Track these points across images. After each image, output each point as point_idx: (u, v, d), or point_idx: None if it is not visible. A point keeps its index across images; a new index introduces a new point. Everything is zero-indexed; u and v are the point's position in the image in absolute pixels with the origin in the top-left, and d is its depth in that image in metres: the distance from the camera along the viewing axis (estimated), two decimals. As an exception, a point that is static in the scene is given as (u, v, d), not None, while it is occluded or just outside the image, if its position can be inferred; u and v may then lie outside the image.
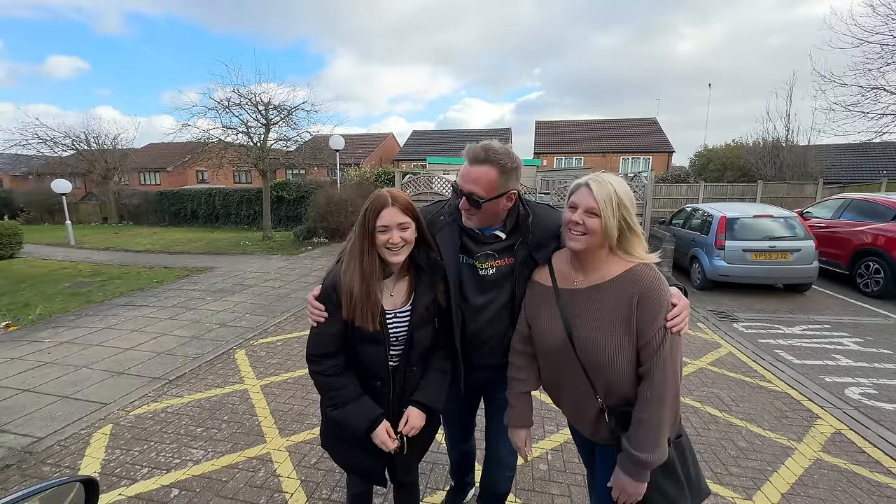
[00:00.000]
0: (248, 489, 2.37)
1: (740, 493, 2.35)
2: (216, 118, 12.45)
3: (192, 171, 27.87)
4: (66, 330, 5.05)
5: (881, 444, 2.80)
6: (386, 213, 1.32)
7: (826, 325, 5.21)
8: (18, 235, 10.47)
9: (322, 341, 1.40)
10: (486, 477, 1.86)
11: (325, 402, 1.44)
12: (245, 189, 18.49)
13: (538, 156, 25.57)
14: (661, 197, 13.99)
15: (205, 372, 3.91)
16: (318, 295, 1.41)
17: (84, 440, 2.86)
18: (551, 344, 1.32)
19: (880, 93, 10.19)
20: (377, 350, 1.41)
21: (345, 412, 1.39)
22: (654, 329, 1.18)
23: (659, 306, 1.19)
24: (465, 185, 1.41)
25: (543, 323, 1.35)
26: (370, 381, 1.45)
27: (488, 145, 1.39)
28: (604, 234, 1.21)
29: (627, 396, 1.26)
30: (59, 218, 18.77)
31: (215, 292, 6.78)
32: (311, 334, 1.43)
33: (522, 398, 1.49)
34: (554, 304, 1.32)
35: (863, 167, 20.57)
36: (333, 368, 1.40)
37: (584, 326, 1.26)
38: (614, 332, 1.22)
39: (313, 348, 1.41)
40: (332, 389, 1.40)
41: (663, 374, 1.16)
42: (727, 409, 3.26)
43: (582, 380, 1.29)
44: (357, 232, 1.38)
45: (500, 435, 1.70)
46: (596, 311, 1.25)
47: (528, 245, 1.46)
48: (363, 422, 1.39)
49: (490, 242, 1.51)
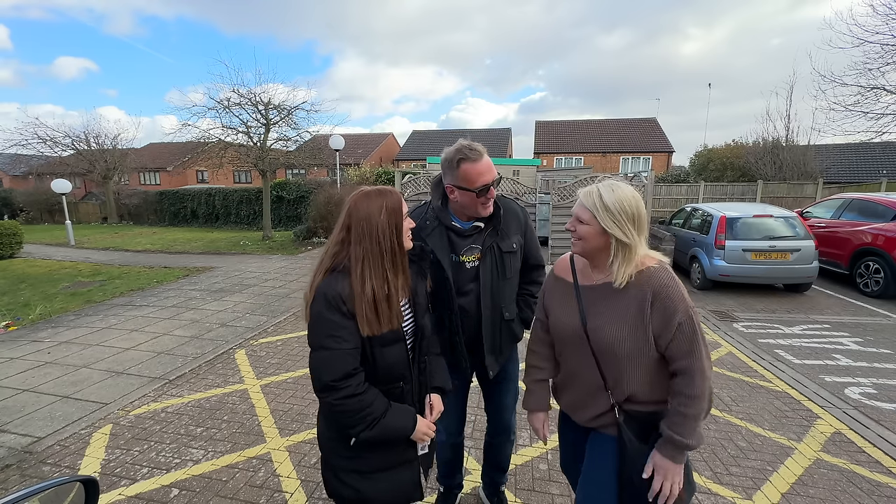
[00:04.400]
0: (248, 489, 2.37)
1: (740, 492, 2.35)
2: (216, 118, 12.47)
3: (192, 171, 27.88)
4: (66, 330, 5.05)
5: (881, 444, 2.80)
6: (403, 203, 1.34)
7: (826, 325, 5.21)
8: (18, 235, 10.47)
9: (345, 361, 1.22)
10: (492, 446, 2.08)
11: (359, 425, 1.23)
12: (245, 189, 18.50)
13: (538, 156, 25.56)
14: (661, 197, 13.97)
15: (205, 372, 3.91)
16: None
17: (84, 440, 2.86)
18: (567, 333, 1.40)
19: (880, 92, 10.18)
20: (400, 348, 1.34)
21: (385, 423, 1.26)
22: (675, 325, 1.23)
23: (675, 304, 1.24)
24: (485, 176, 1.57)
25: (560, 312, 1.44)
26: (392, 386, 1.36)
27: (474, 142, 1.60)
28: (595, 239, 1.30)
29: (635, 393, 1.31)
30: (59, 218, 18.80)
31: (215, 292, 6.78)
32: (323, 358, 1.23)
33: (541, 384, 1.60)
34: (573, 297, 1.41)
35: (863, 167, 20.56)
36: (360, 385, 1.24)
37: (598, 317, 1.33)
38: (625, 324, 1.28)
39: (334, 373, 1.21)
40: (366, 406, 1.24)
41: (701, 370, 1.23)
42: (727, 408, 3.26)
43: (593, 371, 1.35)
44: (383, 232, 1.27)
45: (500, 404, 1.96)
46: (609, 305, 1.32)
47: (498, 234, 1.68)
48: (408, 421, 1.31)
49: (471, 235, 1.69)
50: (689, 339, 1.23)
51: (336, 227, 1.33)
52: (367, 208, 1.28)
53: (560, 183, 9.53)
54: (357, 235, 1.27)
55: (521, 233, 1.76)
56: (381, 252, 1.27)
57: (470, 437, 2.84)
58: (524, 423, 3.00)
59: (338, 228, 1.31)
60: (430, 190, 1.78)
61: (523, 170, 12.81)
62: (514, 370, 1.98)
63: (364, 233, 1.26)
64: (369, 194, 1.31)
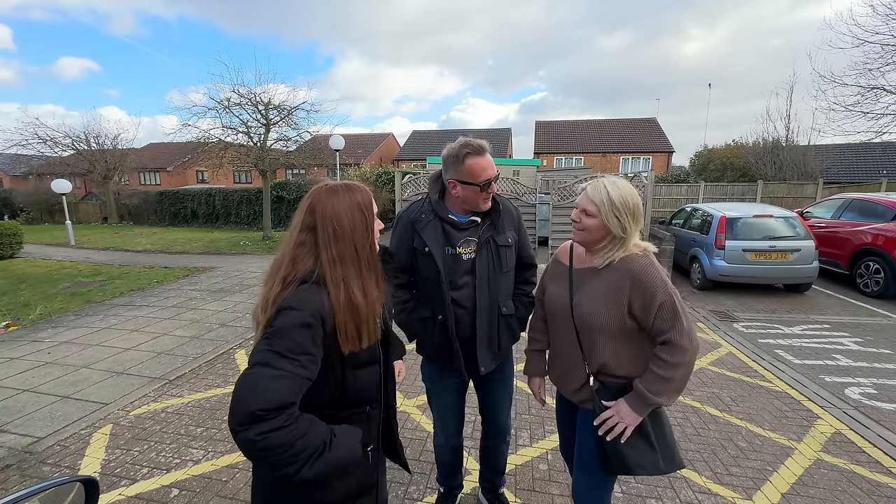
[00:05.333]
0: (248, 489, 2.36)
1: (740, 492, 2.34)
2: (216, 118, 12.47)
3: (192, 171, 27.86)
4: (66, 330, 5.05)
5: (881, 444, 2.80)
6: (373, 200, 1.19)
7: (826, 325, 5.21)
8: (18, 235, 10.47)
9: (290, 391, 0.93)
10: (488, 450, 2.08)
11: (292, 465, 0.93)
12: (245, 189, 18.48)
13: (538, 156, 25.56)
14: (661, 197, 13.96)
15: (205, 372, 3.91)
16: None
17: (84, 440, 2.86)
18: (557, 307, 1.59)
19: (880, 93, 10.18)
20: (374, 369, 1.17)
21: (329, 454, 0.98)
22: (657, 305, 1.35)
23: (654, 286, 1.36)
24: (488, 171, 1.63)
25: (554, 290, 1.63)
26: (358, 411, 1.16)
27: (477, 139, 1.64)
28: (598, 231, 1.43)
29: (606, 362, 1.46)
30: (59, 218, 18.81)
31: (215, 292, 6.78)
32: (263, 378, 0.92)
33: (537, 354, 1.80)
34: (566, 279, 1.58)
35: (863, 167, 20.56)
36: (290, 418, 0.92)
37: (583, 294, 1.49)
38: (602, 301, 1.43)
39: (269, 400, 0.89)
40: (298, 438, 0.92)
41: (682, 340, 1.34)
42: (727, 408, 3.26)
43: (574, 343, 1.52)
44: (356, 233, 1.10)
45: (495, 405, 1.96)
46: (594, 286, 1.48)
47: (495, 228, 1.72)
48: (354, 443, 1.07)
49: (468, 228, 1.72)
50: (671, 315, 1.35)
51: (294, 227, 1.12)
52: (334, 207, 1.09)
53: (560, 183, 9.53)
54: (326, 238, 1.08)
55: (514, 228, 1.82)
56: (358, 256, 1.10)
57: (470, 437, 2.84)
58: (523, 424, 3.01)
59: (297, 228, 1.10)
60: (429, 185, 1.80)
61: (523, 170, 12.82)
62: (510, 370, 1.96)
63: (335, 235, 1.08)
64: (336, 189, 1.13)
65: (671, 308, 1.35)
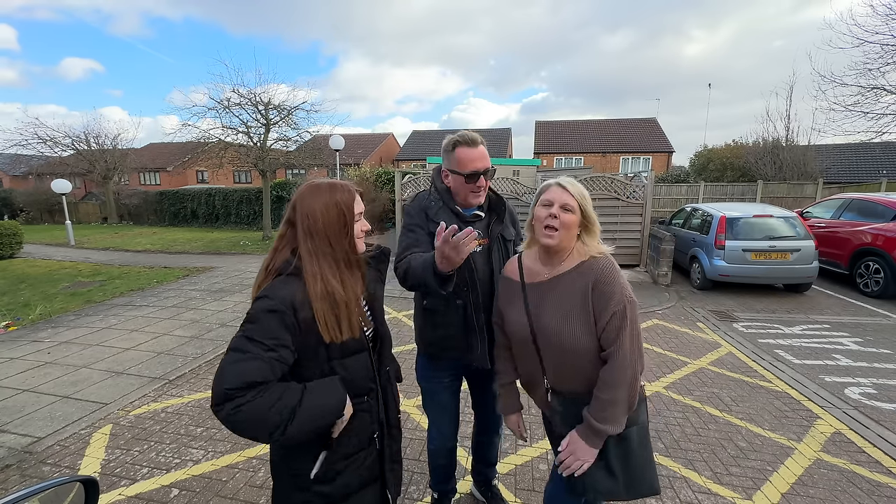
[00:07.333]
0: (248, 489, 2.37)
1: (740, 492, 2.34)
2: (217, 118, 12.48)
3: (192, 171, 27.86)
4: (66, 330, 5.05)
5: (881, 444, 2.80)
6: (358, 201, 1.23)
7: (826, 325, 5.21)
8: (18, 235, 10.47)
9: (259, 370, 1.00)
10: (482, 444, 2.10)
11: (274, 428, 1.00)
12: (245, 189, 18.49)
13: (538, 156, 25.55)
14: (661, 197, 13.94)
15: (205, 372, 3.91)
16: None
17: (84, 440, 2.86)
18: (517, 333, 1.46)
19: (880, 92, 10.18)
20: (363, 358, 1.23)
21: (305, 401, 1.05)
22: (609, 314, 1.28)
23: (612, 292, 1.29)
24: (476, 163, 1.62)
25: (512, 315, 1.48)
26: (357, 401, 1.23)
27: (472, 132, 1.65)
28: (575, 227, 1.35)
29: (575, 385, 1.37)
30: (59, 218, 18.82)
31: (215, 292, 6.78)
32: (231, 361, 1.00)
33: (508, 388, 1.65)
34: (520, 298, 1.46)
35: (863, 167, 20.55)
36: (260, 392, 0.99)
37: (545, 315, 1.38)
38: (571, 317, 1.32)
39: (234, 380, 0.96)
40: (272, 406, 1.00)
41: (622, 358, 1.26)
42: (727, 408, 3.26)
43: (536, 365, 1.44)
44: (331, 232, 1.16)
45: (489, 400, 1.96)
46: (555, 299, 1.37)
47: (502, 222, 1.74)
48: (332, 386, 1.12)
49: (473, 221, 1.71)
50: (617, 328, 1.27)
51: (282, 222, 1.21)
52: (311, 204, 1.16)
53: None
54: (302, 232, 1.15)
55: (512, 224, 1.86)
56: (333, 251, 1.16)
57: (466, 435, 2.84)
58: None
59: (283, 221, 1.20)
60: (433, 176, 1.82)
61: (523, 170, 12.80)
62: None
63: (310, 230, 1.14)
64: (318, 188, 1.19)
65: (620, 319, 1.27)
